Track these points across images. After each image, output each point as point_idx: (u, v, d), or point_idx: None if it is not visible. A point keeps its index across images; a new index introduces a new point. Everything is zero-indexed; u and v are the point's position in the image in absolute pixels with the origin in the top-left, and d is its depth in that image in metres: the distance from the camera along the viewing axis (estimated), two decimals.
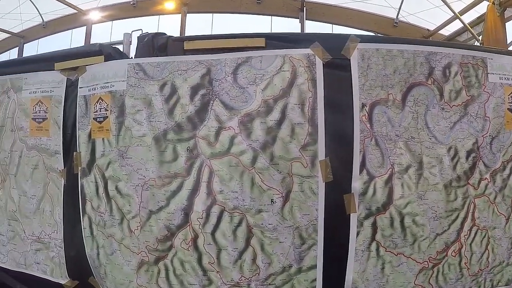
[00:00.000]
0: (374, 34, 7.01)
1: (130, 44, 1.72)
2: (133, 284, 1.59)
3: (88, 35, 8.62)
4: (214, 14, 7.34)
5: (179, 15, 7.60)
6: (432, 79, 1.48)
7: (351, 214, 1.47)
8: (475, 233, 1.50)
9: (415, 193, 1.46)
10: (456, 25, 6.97)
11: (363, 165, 1.46)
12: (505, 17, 4.93)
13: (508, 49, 4.79)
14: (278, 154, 1.46)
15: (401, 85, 1.47)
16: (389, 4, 7.25)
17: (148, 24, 8.23)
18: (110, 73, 1.64)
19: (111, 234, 1.64)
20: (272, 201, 1.47)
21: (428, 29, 7.67)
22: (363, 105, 1.46)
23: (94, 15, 8.45)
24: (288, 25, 7.36)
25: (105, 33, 8.52)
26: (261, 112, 1.47)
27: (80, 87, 1.74)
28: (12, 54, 9.72)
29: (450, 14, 6.57)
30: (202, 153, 1.50)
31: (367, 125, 1.46)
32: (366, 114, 1.46)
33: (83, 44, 8.40)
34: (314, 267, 1.49)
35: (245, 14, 7.26)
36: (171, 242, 1.54)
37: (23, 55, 9.38)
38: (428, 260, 1.48)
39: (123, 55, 1.68)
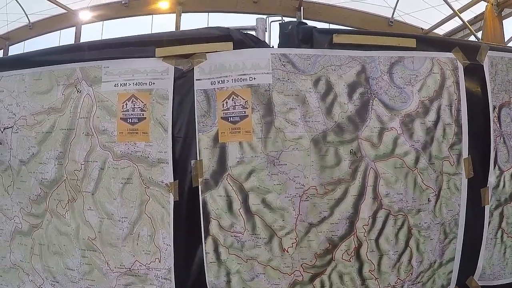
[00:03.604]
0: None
1: (265, 31, 1.47)
2: None
3: (77, 36, 7.40)
4: (209, 13, 6.81)
5: (173, 15, 6.85)
6: None
7: (485, 206, 1.60)
8: None
9: None
10: (450, 25, 7.08)
11: (495, 161, 1.60)
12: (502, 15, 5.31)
13: (507, 46, 5.42)
14: (434, 154, 1.48)
15: None
16: (387, 4, 7.37)
17: (141, 24, 7.28)
18: (248, 63, 1.37)
19: (252, 256, 1.38)
20: (428, 199, 1.48)
21: (422, 28, 7.71)
22: (494, 107, 1.61)
23: (84, 15, 7.35)
24: None
25: (95, 34, 7.34)
26: (419, 112, 1.46)
27: (197, 79, 1.40)
28: None
29: (445, 14, 6.75)
30: (366, 155, 1.40)
31: (497, 125, 1.61)
32: (497, 115, 1.61)
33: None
34: (452, 259, 1.57)
35: (241, 14, 6.94)
36: (332, 256, 1.39)
37: None
38: None
39: (260, 43, 1.42)
